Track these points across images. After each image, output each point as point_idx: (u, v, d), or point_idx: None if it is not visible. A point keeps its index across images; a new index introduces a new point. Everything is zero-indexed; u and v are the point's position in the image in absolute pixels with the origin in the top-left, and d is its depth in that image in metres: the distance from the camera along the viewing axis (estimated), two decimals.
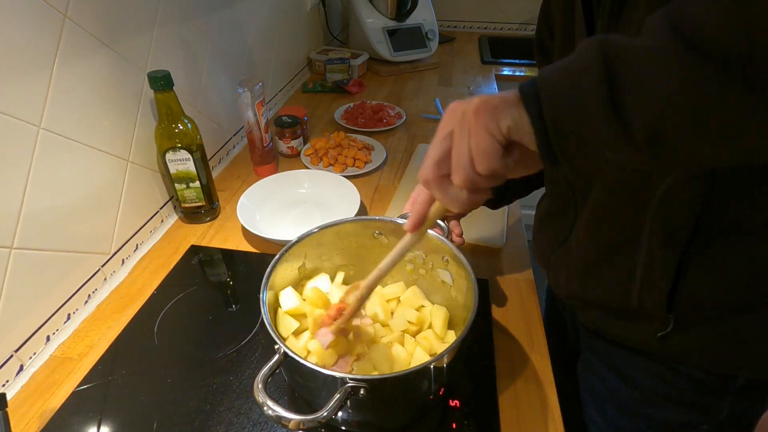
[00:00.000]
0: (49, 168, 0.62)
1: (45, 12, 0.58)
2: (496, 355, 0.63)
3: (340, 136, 1.10)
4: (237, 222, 0.84)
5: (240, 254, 0.81)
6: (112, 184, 0.74)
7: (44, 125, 0.60)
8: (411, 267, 0.66)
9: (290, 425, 0.41)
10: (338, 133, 1.11)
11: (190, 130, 0.79)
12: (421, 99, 1.44)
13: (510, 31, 2.18)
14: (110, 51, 0.70)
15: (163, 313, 0.69)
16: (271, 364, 0.45)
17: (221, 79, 1.04)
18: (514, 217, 0.91)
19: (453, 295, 0.61)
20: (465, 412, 0.56)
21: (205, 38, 0.96)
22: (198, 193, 0.84)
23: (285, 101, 1.42)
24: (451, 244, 0.58)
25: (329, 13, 1.73)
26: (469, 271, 0.54)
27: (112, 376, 0.60)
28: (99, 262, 0.73)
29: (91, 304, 0.71)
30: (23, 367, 0.61)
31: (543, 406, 0.58)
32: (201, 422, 0.55)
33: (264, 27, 1.23)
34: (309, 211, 0.91)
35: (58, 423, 0.55)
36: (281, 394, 0.59)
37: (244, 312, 0.70)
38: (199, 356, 0.63)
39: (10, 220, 0.57)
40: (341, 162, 1.04)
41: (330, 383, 0.45)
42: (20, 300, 0.60)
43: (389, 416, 0.53)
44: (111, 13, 0.69)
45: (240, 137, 1.16)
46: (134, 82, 0.77)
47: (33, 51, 0.57)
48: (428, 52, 1.70)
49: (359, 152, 1.06)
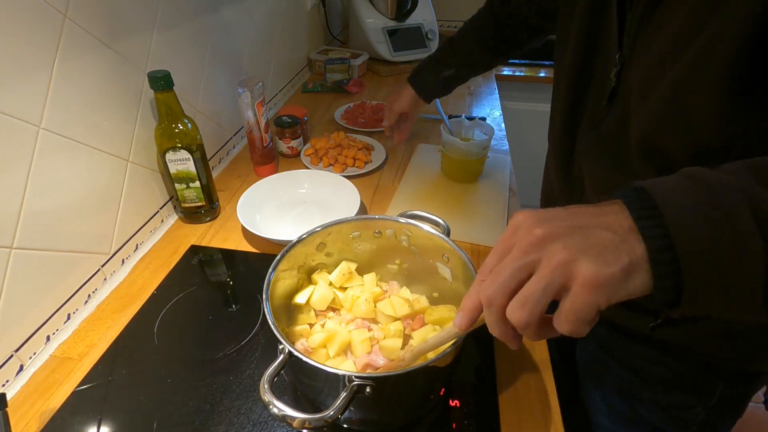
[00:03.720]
0: (49, 168, 0.62)
1: (45, 12, 0.58)
2: (496, 355, 0.63)
3: (340, 136, 1.10)
4: (237, 222, 0.84)
5: (240, 254, 0.81)
6: (112, 184, 0.74)
7: (44, 125, 0.60)
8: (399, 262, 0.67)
9: (296, 424, 0.41)
10: (338, 133, 1.11)
11: (190, 130, 0.79)
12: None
13: None
14: (110, 51, 0.70)
15: (163, 313, 0.69)
16: (277, 364, 0.45)
17: (221, 79, 1.04)
18: None
19: (453, 293, 0.61)
20: (465, 412, 0.56)
21: (205, 38, 0.96)
22: (198, 193, 0.84)
23: (285, 101, 1.42)
24: (451, 242, 0.58)
25: (329, 13, 1.73)
26: (470, 269, 0.54)
27: (112, 376, 0.60)
28: (99, 262, 0.73)
29: (91, 304, 0.71)
30: (23, 367, 0.61)
31: (543, 406, 0.57)
32: (201, 422, 0.55)
33: (264, 27, 1.23)
34: (309, 211, 0.91)
35: (58, 423, 0.55)
36: (281, 394, 0.59)
37: (244, 312, 0.70)
38: (199, 356, 0.63)
39: (10, 220, 0.57)
40: (341, 162, 1.04)
41: (336, 382, 0.45)
42: (20, 300, 0.60)
43: (391, 415, 0.54)
44: (111, 13, 0.69)
45: (240, 137, 1.16)
46: (134, 82, 0.77)
47: (33, 51, 0.57)
48: (428, 52, 1.69)
49: (359, 152, 1.06)
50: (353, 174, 1.01)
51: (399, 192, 0.97)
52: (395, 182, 1.01)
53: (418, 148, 1.14)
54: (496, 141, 1.16)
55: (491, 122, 1.27)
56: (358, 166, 1.04)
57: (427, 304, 0.63)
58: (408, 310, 0.61)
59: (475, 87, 1.53)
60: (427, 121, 1.29)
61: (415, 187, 0.99)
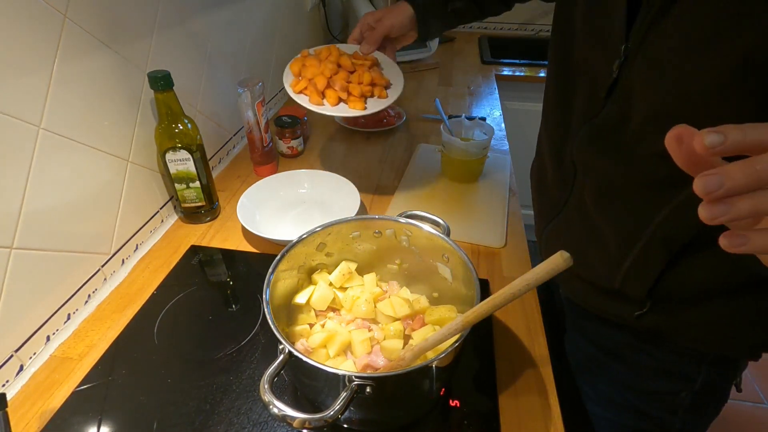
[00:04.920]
0: (49, 168, 0.62)
1: (45, 12, 0.58)
2: (496, 355, 0.63)
3: (331, 53, 0.76)
4: (237, 222, 0.84)
5: (240, 254, 0.81)
6: (112, 184, 0.74)
7: (44, 125, 0.60)
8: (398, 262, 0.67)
9: (296, 424, 0.41)
10: (328, 48, 0.78)
11: (190, 130, 0.79)
12: (421, 99, 1.44)
13: (510, 31, 2.18)
14: (110, 51, 0.70)
15: (163, 313, 0.69)
16: (277, 364, 0.45)
17: (221, 79, 1.04)
18: (514, 217, 0.91)
19: (452, 293, 0.61)
20: (465, 412, 0.56)
21: (205, 38, 0.96)
22: (198, 193, 0.84)
23: (285, 101, 1.42)
24: (451, 242, 0.58)
25: (329, 13, 1.73)
26: (470, 269, 0.54)
27: (112, 376, 0.60)
28: (99, 262, 0.73)
29: (91, 304, 0.71)
30: (23, 367, 0.61)
31: (543, 406, 0.57)
32: (201, 422, 0.55)
33: (264, 27, 1.23)
34: (309, 211, 0.91)
35: (58, 423, 0.55)
36: (281, 394, 0.59)
37: (244, 312, 0.70)
38: (199, 356, 0.63)
39: (10, 220, 0.57)
40: (356, 93, 0.71)
41: (336, 382, 0.45)
42: (20, 300, 0.60)
43: (391, 415, 0.54)
44: (111, 13, 0.69)
45: (240, 137, 1.16)
46: (134, 82, 0.77)
47: (33, 51, 0.57)
48: (428, 52, 1.70)
49: (373, 72, 0.74)
50: (375, 113, 0.70)
51: (399, 192, 0.97)
52: (395, 182, 1.02)
53: (418, 148, 1.14)
54: (496, 141, 1.16)
55: (491, 122, 1.27)
56: (380, 96, 0.73)
57: (427, 304, 0.63)
58: (408, 311, 0.61)
59: (475, 87, 1.53)
60: (427, 121, 1.29)
61: (415, 187, 0.99)
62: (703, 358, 0.61)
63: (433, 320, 0.59)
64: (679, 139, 0.26)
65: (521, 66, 1.82)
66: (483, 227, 0.87)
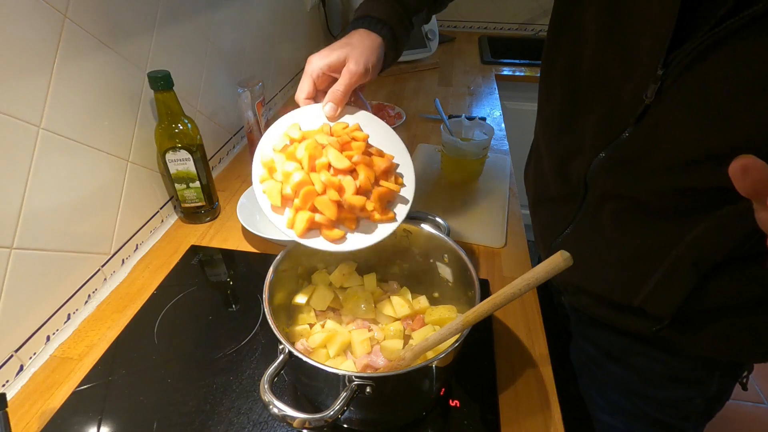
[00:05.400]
0: (49, 168, 0.62)
1: (45, 12, 0.58)
2: (496, 355, 0.63)
3: (339, 135, 0.53)
4: (237, 222, 0.84)
5: (240, 254, 0.81)
6: (112, 184, 0.74)
7: (44, 125, 0.60)
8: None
9: (296, 424, 0.41)
10: (332, 129, 0.55)
11: (190, 130, 0.79)
12: (421, 99, 1.44)
13: (510, 31, 2.18)
14: (110, 51, 0.70)
15: (163, 313, 0.69)
16: (277, 364, 0.45)
17: (221, 79, 1.04)
18: (514, 217, 0.91)
19: (452, 293, 0.61)
20: (465, 412, 0.56)
21: (205, 38, 0.96)
22: (198, 193, 0.84)
23: (285, 101, 1.42)
24: (451, 242, 0.58)
25: (329, 13, 1.73)
26: (470, 269, 0.54)
27: (112, 376, 0.60)
28: (99, 262, 0.73)
29: (91, 304, 0.71)
30: (23, 367, 0.61)
31: (543, 406, 0.57)
32: (201, 422, 0.55)
33: (264, 27, 1.23)
34: None
35: (58, 423, 0.55)
36: (281, 394, 0.59)
37: (244, 312, 0.70)
38: (199, 356, 0.63)
39: (10, 220, 0.57)
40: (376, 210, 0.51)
41: (336, 382, 0.45)
42: (20, 300, 0.60)
43: (391, 415, 0.54)
44: (111, 13, 0.69)
45: (240, 137, 1.16)
46: (134, 82, 0.76)
47: (33, 51, 0.57)
48: (428, 52, 1.70)
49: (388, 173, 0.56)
50: None
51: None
52: None
53: (418, 148, 1.14)
54: (496, 141, 1.16)
55: (491, 122, 1.27)
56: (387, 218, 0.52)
57: (427, 305, 0.63)
58: (408, 311, 0.61)
59: (475, 87, 1.53)
60: (427, 121, 1.29)
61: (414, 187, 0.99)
62: (716, 364, 0.60)
63: (433, 320, 0.59)
64: (744, 170, 0.25)
65: (521, 66, 1.82)
66: (483, 227, 0.87)
